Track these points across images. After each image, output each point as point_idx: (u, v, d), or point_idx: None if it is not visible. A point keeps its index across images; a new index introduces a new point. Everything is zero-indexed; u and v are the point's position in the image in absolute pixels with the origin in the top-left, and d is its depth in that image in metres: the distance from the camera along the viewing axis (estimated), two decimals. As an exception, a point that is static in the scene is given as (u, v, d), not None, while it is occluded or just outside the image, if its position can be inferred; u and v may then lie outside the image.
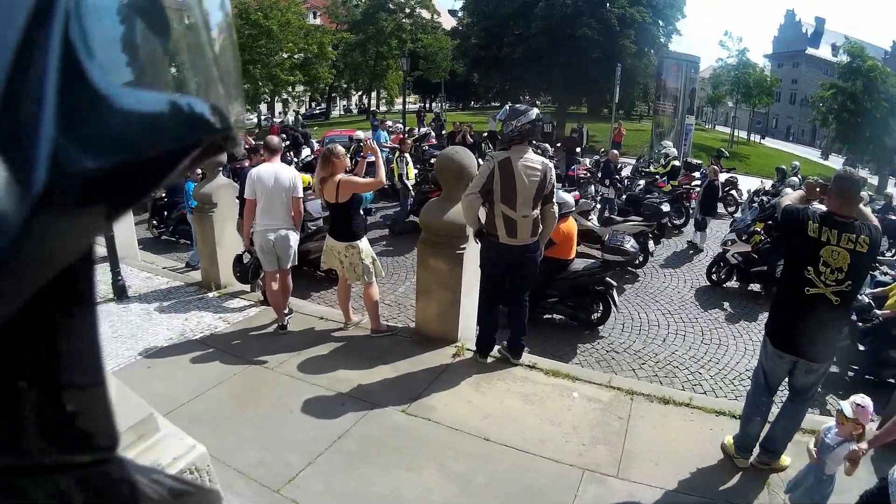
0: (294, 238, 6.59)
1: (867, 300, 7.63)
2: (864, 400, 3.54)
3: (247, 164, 8.66)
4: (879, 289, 8.38)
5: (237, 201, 7.62)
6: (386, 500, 3.99)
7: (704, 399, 5.47)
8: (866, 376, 7.33)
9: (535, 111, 5.26)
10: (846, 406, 3.53)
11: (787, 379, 4.27)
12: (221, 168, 8.12)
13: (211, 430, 4.81)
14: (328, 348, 6.20)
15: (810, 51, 70.08)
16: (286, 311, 6.86)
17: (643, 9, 36.31)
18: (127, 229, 10.61)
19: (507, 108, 5.41)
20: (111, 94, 0.33)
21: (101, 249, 9.72)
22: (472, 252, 5.86)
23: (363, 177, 6.66)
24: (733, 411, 5.01)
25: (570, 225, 8.17)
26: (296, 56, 44.65)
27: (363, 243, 6.17)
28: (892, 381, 7.27)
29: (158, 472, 0.52)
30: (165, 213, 12.67)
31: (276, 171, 6.33)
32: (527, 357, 5.88)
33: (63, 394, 0.38)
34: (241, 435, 4.72)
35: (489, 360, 5.80)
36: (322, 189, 6.03)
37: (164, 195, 12.41)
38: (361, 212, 6.63)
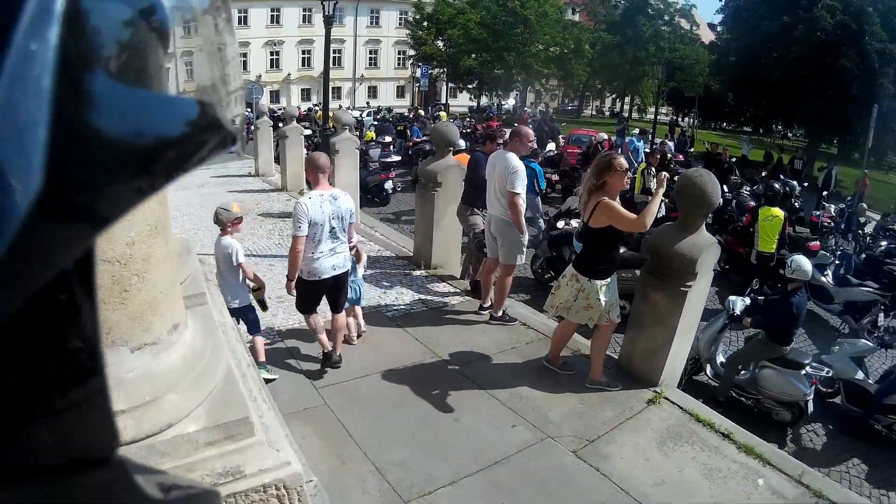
0: (513, 237, 6.04)
1: None
2: None
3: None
4: None
5: (463, 184, 7.40)
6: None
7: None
8: None
9: None
10: None
11: None
12: (452, 148, 7.88)
13: (367, 414, 4.67)
14: (523, 359, 5.67)
15: None
16: (499, 315, 6.37)
17: None
18: (352, 191, 10.91)
19: None
20: (109, 95, 0.33)
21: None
22: (697, 290, 5.02)
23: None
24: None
25: None
26: (551, 49, 44.74)
27: (592, 285, 4.87)
28: None
29: (159, 473, 0.51)
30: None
31: (495, 161, 6.06)
32: (726, 422, 4.95)
33: (62, 394, 0.37)
34: (396, 429, 4.48)
35: None
36: (586, 201, 4.90)
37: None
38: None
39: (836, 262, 10.81)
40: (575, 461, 4.25)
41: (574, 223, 9.24)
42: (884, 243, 12.69)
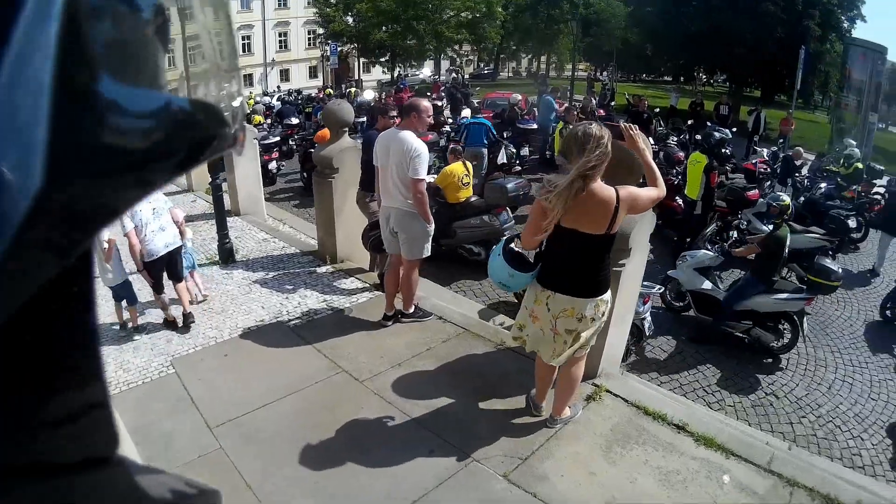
0: (417, 229, 5.19)
1: None
2: None
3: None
4: None
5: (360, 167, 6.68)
6: None
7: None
8: None
9: None
10: None
11: None
12: (348, 129, 7.10)
13: (264, 455, 3.93)
14: (439, 362, 4.96)
15: None
16: (411, 311, 5.66)
17: None
18: (253, 183, 9.97)
19: None
20: (109, 94, 0.33)
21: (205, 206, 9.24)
22: (633, 268, 4.40)
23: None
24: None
25: None
26: (462, 14, 43.87)
27: (610, 296, 3.74)
28: None
29: (159, 472, 0.52)
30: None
31: (389, 143, 5.09)
32: (680, 410, 4.39)
33: (62, 394, 0.37)
34: (296, 472, 3.76)
35: None
36: (567, 204, 3.29)
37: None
38: None
39: None
40: (507, 488, 3.60)
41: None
42: (823, 185, 12.39)
